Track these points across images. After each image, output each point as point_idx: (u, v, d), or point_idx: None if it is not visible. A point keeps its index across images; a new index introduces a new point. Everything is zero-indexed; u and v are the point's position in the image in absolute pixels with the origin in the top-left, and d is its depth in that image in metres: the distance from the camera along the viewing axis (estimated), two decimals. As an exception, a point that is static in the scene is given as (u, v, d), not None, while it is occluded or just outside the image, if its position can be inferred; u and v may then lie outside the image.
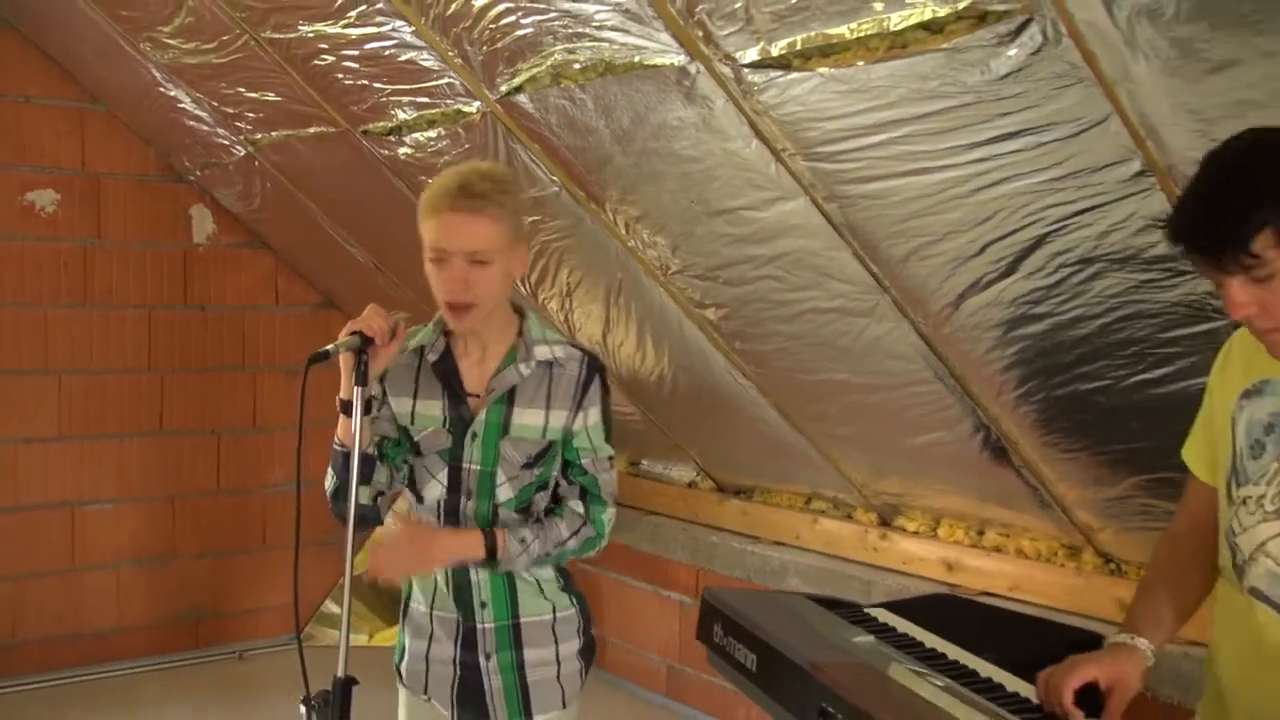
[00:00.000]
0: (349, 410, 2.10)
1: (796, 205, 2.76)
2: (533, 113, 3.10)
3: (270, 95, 3.91)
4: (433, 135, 3.52)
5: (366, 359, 2.09)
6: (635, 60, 2.69)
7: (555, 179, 3.32)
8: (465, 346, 2.30)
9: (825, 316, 3.05)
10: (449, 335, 2.30)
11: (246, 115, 4.17)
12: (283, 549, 5.23)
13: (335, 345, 2.09)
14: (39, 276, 4.70)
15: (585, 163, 3.17)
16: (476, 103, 3.26)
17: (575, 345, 2.33)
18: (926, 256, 2.63)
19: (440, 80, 3.27)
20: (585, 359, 2.30)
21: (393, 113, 3.57)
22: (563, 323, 3.98)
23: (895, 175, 2.47)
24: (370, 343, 2.10)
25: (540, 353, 2.27)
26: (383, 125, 3.67)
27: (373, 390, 2.18)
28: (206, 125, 4.43)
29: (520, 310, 2.34)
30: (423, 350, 2.30)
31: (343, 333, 2.12)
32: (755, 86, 2.51)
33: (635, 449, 4.67)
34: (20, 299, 4.66)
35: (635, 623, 4.62)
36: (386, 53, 3.28)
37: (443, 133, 3.47)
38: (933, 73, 2.19)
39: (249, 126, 4.26)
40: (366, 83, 3.48)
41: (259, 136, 4.29)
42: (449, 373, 2.28)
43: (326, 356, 2.07)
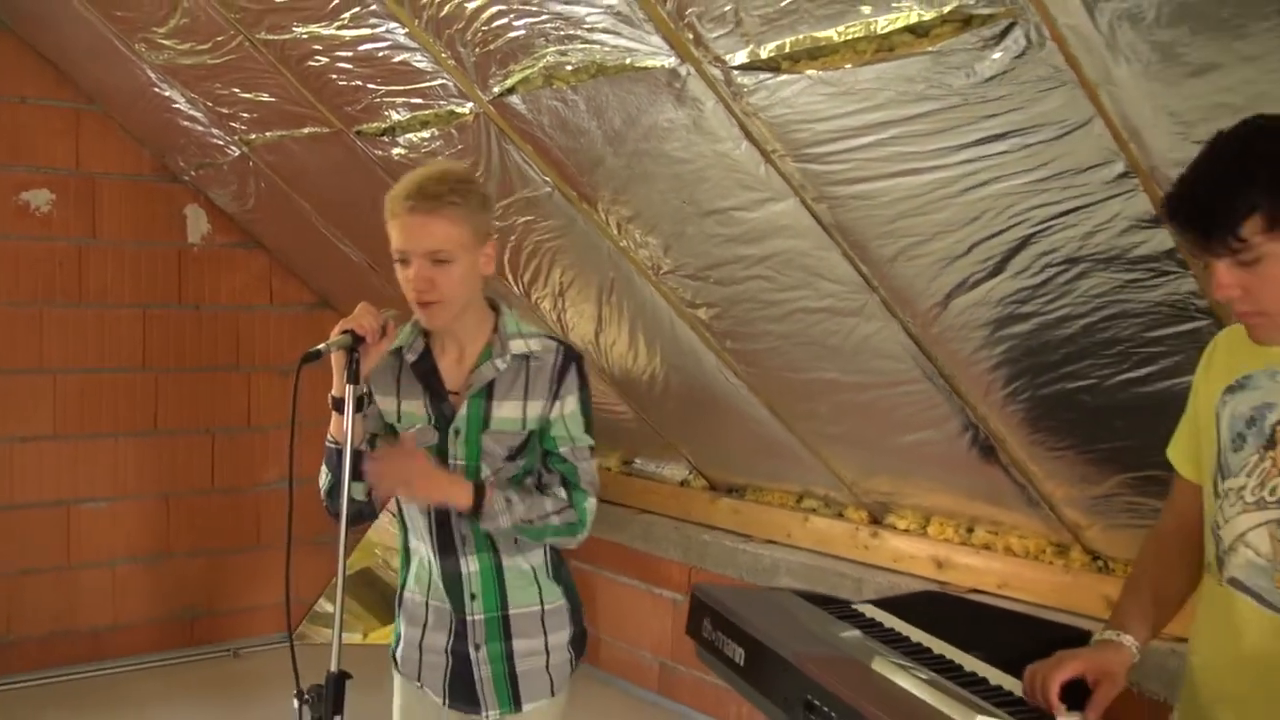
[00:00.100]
0: (341, 408, 2.13)
1: (786, 206, 2.78)
2: (525, 114, 3.12)
3: (264, 96, 3.92)
4: (426, 136, 3.53)
5: (358, 357, 2.12)
6: (626, 62, 2.71)
7: (548, 179, 3.34)
8: (443, 345, 2.33)
9: (815, 316, 3.07)
10: (427, 335, 2.33)
11: (241, 116, 4.18)
12: (277, 548, 5.24)
13: (327, 344, 2.11)
14: (34, 276, 4.71)
15: (577, 163, 3.19)
16: (469, 104, 3.27)
17: (551, 337, 2.35)
18: (914, 257, 2.65)
19: (433, 81, 3.28)
20: (561, 349, 2.32)
21: (386, 113, 3.58)
22: (555, 322, 4.00)
23: (883, 176, 2.49)
24: (362, 341, 2.13)
25: (516, 346, 2.29)
26: (376, 126, 3.68)
27: (365, 388, 2.21)
28: (201, 126, 4.44)
29: (496, 305, 2.36)
30: (401, 351, 2.32)
31: (334, 331, 2.15)
32: (745, 88, 2.53)
33: (628, 448, 4.69)
34: (15, 298, 4.68)
35: (628, 620, 4.63)
36: (380, 54, 3.29)
37: (436, 133, 3.49)
38: (919, 75, 2.21)
39: (243, 127, 4.27)
40: (360, 84, 3.50)
41: (253, 137, 4.30)
42: (428, 372, 2.31)
43: (318, 355, 2.10)
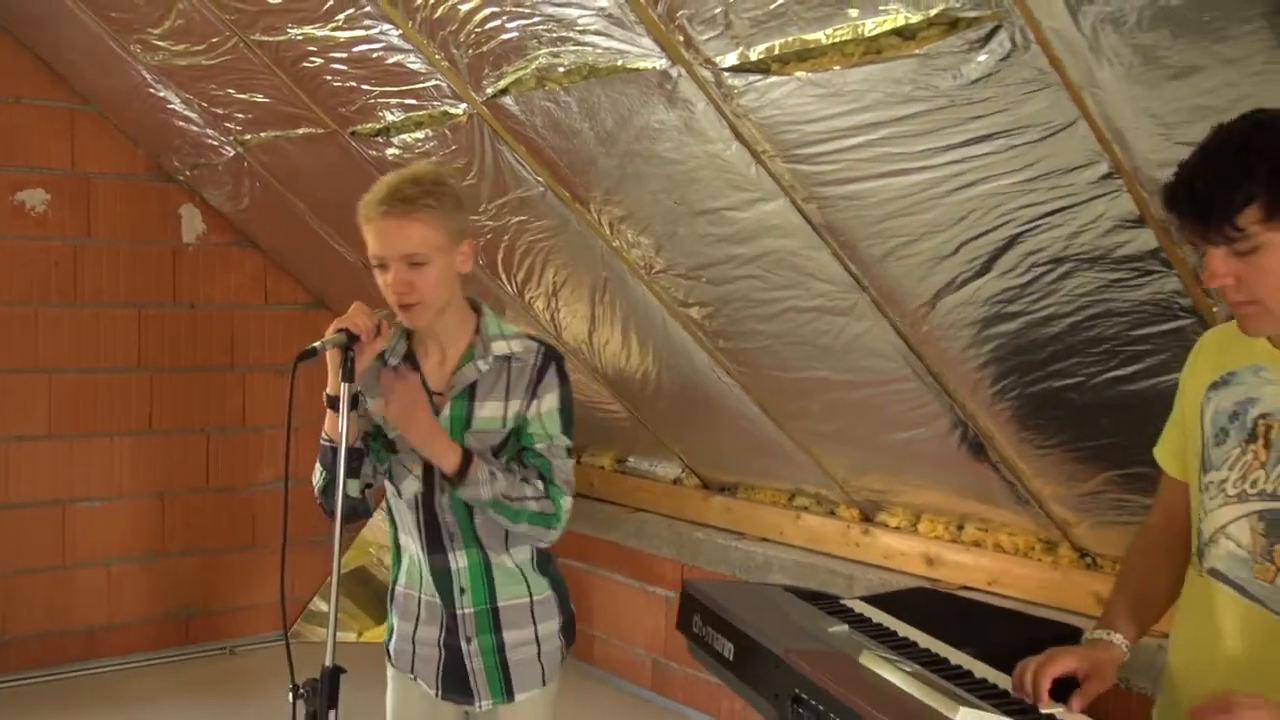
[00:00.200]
0: (336, 406, 2.16)
1: (776, 206, 2.80)
2: (518, 115, 3.14)
3: (259, 97, 3.93)
4: (420, 136, 3.54)
5: (353, 355, 2.14)
6: (618, 64, 2.73)
7: (541, 180, 3.35)
8: (425, 347, 2.35)
9: (806, 315, 3.10)
10: (410, 338, 2.35)
11: (236, 116, 4.19)
12: (272, 547, 5.25)
13: (322, 342, 2.14)
14: (29, 275, 4.72)
15: (570, 164, 3.21)
16: (463, 105, 3.29)
17: (532, 338, 2.37)
18: (903, 256, 2.68)
19: (427, 82, 3.30)
20: (541, 349, 2.34)
21: (380, 114, 3.59)
22: (549, 321, 4.02)
23: (872, 177, 2.52)
24: (356, 340, 2.15)
25: (498, 348, 2.32)
26: (371, 126, 3.70)
27: (359, 386, 2.23)
28: (196, 126, 4.45)
29: (477, 307, 2.39)
30: (383, 355, 2.34)
31: (329, 330, 2.17)
32: (735, 90, 2.55)
33: (621, 446, 4.71)
34: (10, 298, 4.69)
35: (621, 618, 4.65)
36: (374, 55, 3.31)
37: (430, 134, 3.50)
38: (906, 77, 2.24)
39: (238, 127, 4.27)
40: (355, 85, 3.51)
41: (248, 137, 4.31)
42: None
43: (314, 354, 2.12)
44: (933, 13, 2.09)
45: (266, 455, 5.27)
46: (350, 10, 3.17)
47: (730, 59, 2.50)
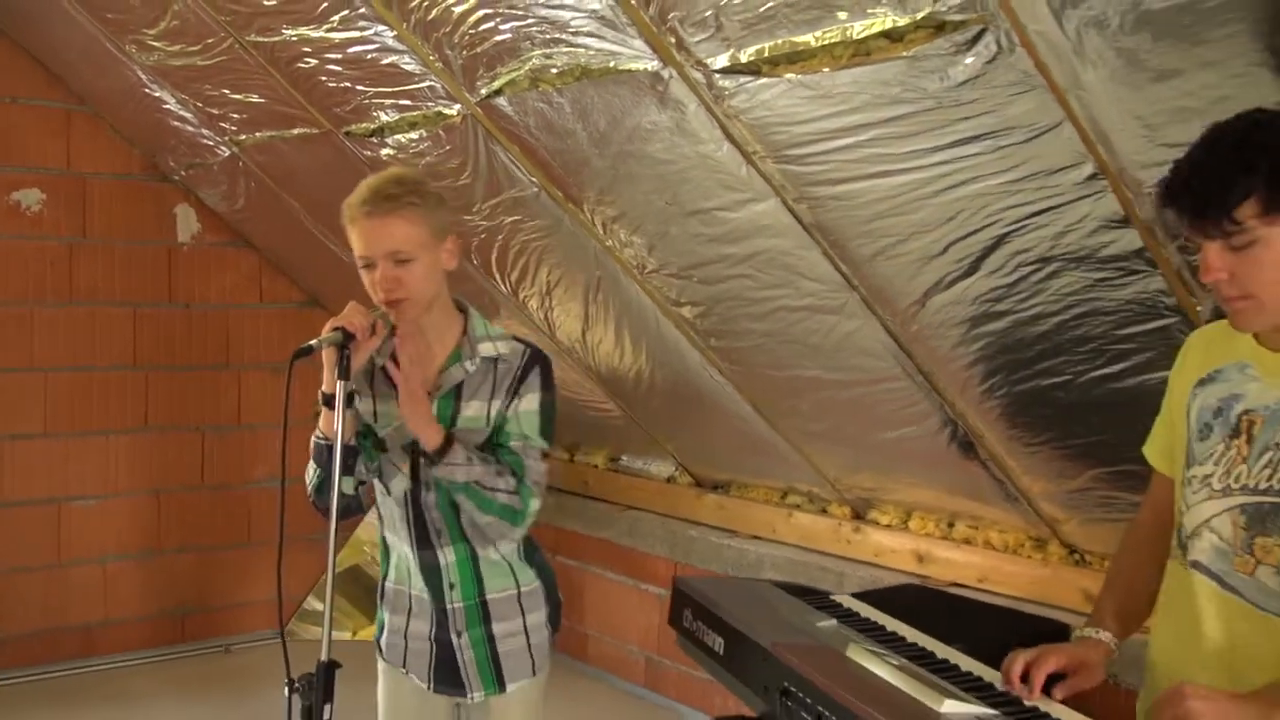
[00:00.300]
0: (332, 404, 2.18)
1: (767, 206, 2.83)
2: (512, 115, 3.16)
3: (254, 97, 3.94)
4: (414, 137, 3.56)
5: (349, 354, 2.17)
6: (610, 65, 2.75)
7: (534, 180, 3.37)
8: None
9: (797, 314, 3.12)
10: (396, 338, 2.37)
11: (231, 116, 4.20)
12: (267, 544, 5.26)
13: (319, 340, 2.17)
14: (25, 275, 4.73)
15: (563, 164, 3.23)
16: (457, 105, 3.31)
17: (519, 340, 2.41)
18: (893, 256, 2.70)
19: (421, 83, 3.31)
20: (527, 351, 2.38)
21: (375, 115, 3.61)
22: (543, 320, 4.03)
23: (861, 177, 2.54)
24: (352, 338, 2.18)
25: (484, 349, 2.35)
26: (365, 127, 3.71)
27: (354, 385, 2.25)
28: (191, 126, 4.46)
29: (464, 308, 2.41)
30: (370, 355, 2.35)
31: (325, 329, 2.20)
32: (726, 91, 2.57)
33: (615, 445, 4.73)
34: (6, 297, 4.70)
35: (614, 615, 4.67)
36: (369, 56, 3.32)
37: (424, 135, 3.52)
38: (894, 79, 2.26)
39: (233, 127, 4.29)
40: (349, 85, 3.52)
41: (243, 137, 4.32)
42: None
43: (310, 351, 2.15)
44: (920, 16, 2.11)
45: (261, 453, 5.28)
46: (345, 12, 3.19)
47: (721, 61, 2.52)
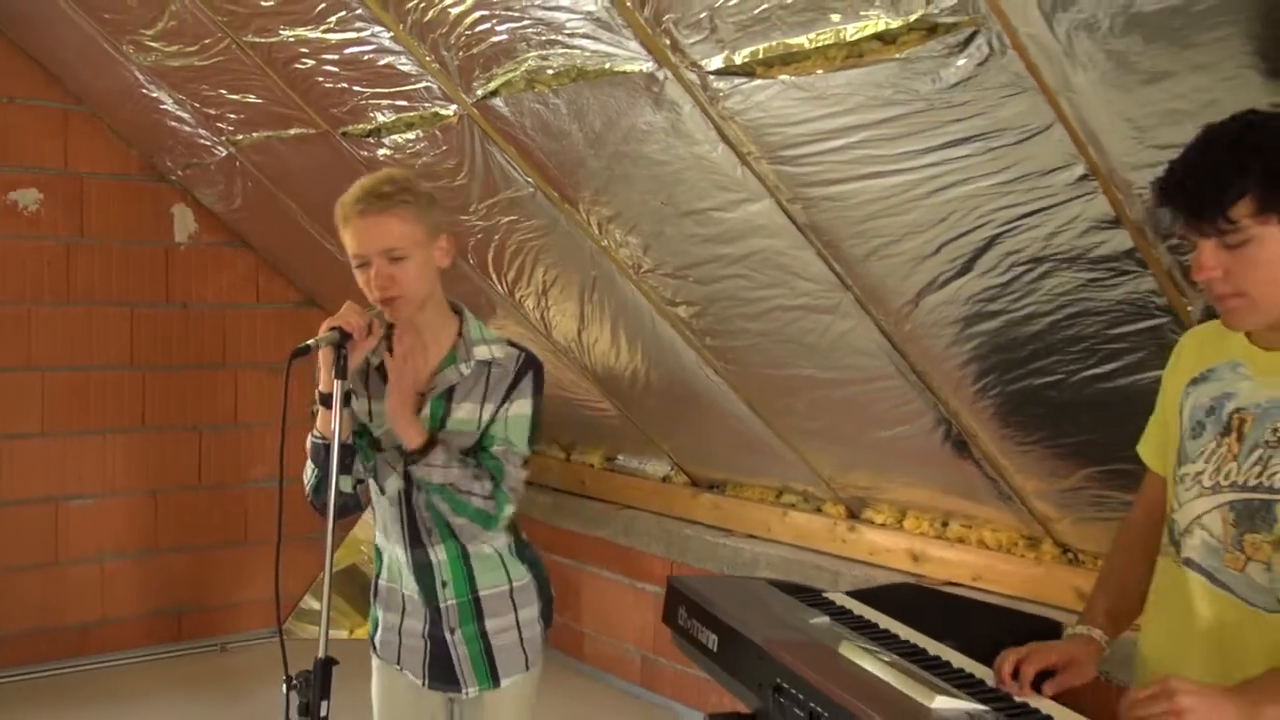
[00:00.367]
0: (329, 403, 2.20)
1: (762, 206, 2.84)
2: (508, 116, 3.17)
3: (251, 97, 3.95)
4: (411, 137, 3.57)
5: (345, 353, 2.19)
6: (606, 67, 2.77)
7: (530, 180, 3.39)
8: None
9: (791, 314, 3.13)
10: (390, 338, 2.38)
11: (228, 116, 4.21)
12: (263, 543, 5.28)
13: (316, 340, 2.18)
14: (22, 274, 4.74)
15: (559, 165, 3.24)
16: (453, 106, 3.32)
17: (513, 345, 2.43)
18: (886, 256, 2.72)
19: (418, 84, 3.33)
20: (521, 356, 2.40)
21: (372, 115, 3.62)
22: (539, 320, 4.05)
23: (854, 178, 2.56)
24: (349, 338, 2.20)
25: (480, 353, 2.37)
26: (362, 127, 3.72)
27: (350, 384, 2.27)
28: (188, 126, 4.47)
29: (459, 309, 2.43)
30: (368, 356, 2.37)
31: (322, 328, 2.21)
32: (720, 93, 2.59)
33: (611, 444, 4.74)
34: (3, 297, 4.70)
35: (611, 614, 4.69)
36: (365, 57, 3.34)
37: (420, 135, 3.53)
38: (887, 81, 2.27)
39: (230, 127, 4.29)
40: (346, 86, 3.54)
41: (240, 137, 4.33)
42: None
43: (308, 351, 2.17)
44: (912, 18, 2.13)
45: (258, 452, 5.29)
46: (342, 13, 3.20)
47: (715, 62, 2.53)
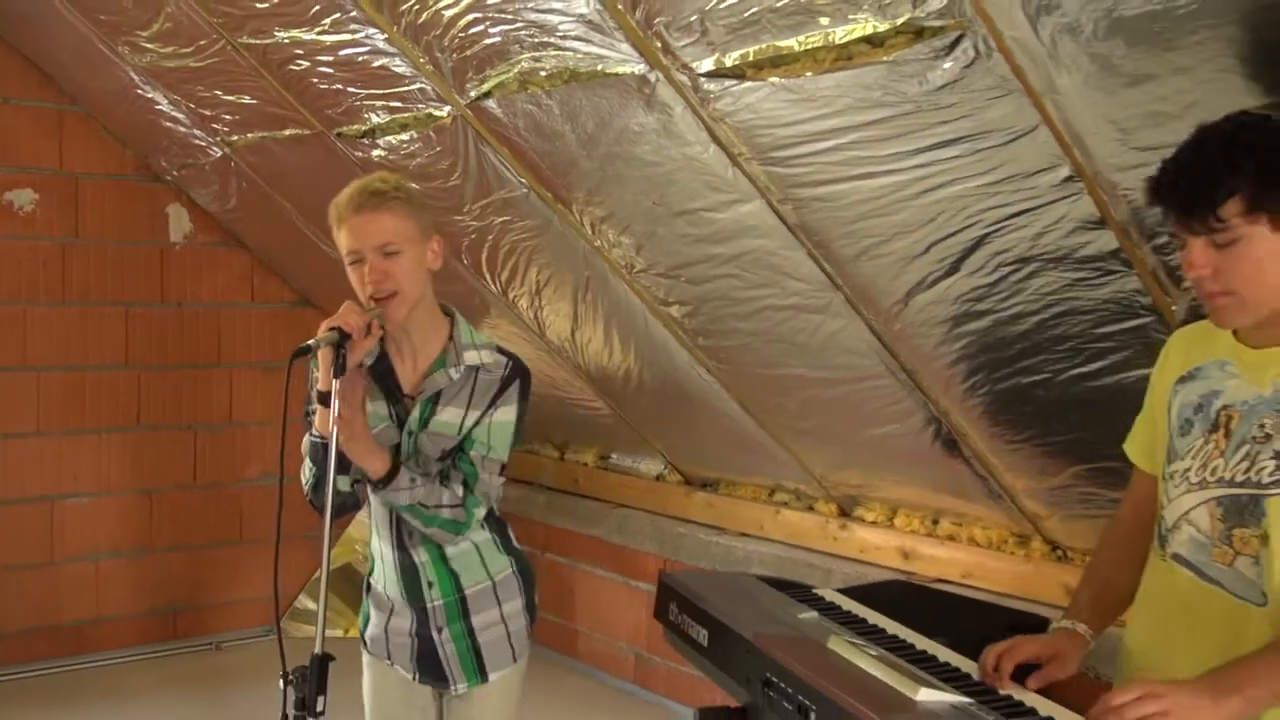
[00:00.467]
0: (328, 402, 2.21)
1: (753, 207, 2.87)
2: (501, 117, 3.19)
3: (246, 98, 3.96)
4: (405, 138, 3.59)
5: (345, 353, 2.21)
6: (598, 69, 2.79)
7: (524, 181, 3.41)
8: (399, 349, 2.42)
9: (782, 313, 3.16)
10: (383, 339, 2.41)
11: (223, 117, 4.22)
12: (258, 543, 5.30)
13: (316, 340, 2.20)
14: (17, 274, 4.75)
15: (552, 165, 3.26)
16: (447, 107, 3.34)
17: (502, 351, 2.45)
18: (876, 256, 2.74)
19: (412, 86, 3.34)
20: (509, 364, 2.42)
21: (366, 116, 3.63)
22: (532, 320, 4.07)
23: (844, 179, 2.58)
24: (348, 337, 2.22)
25: (469, 358, 2.39)
26: (356, 128, 3.74)
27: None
28: (183, 127, 4.48)
29: (450, 313, 2.46)
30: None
31: (321, 328, 2.23)
32: (711, 95, 2.62)
33: (605, 443, 4.76)
34: (-1, 297, 4.74)
35: (604, 612, 4.71)
36: (360, 59, 3.35)
37: (415, 136, 3.55)
38: (875, 83, 2.30)
39: (225, 128, 4.31)
40: (341, 87, 3.55)
41: (235, 138, 4.34)
42: (386, 374, 2.41)
43: (308, 351, 2.19)
44: (899, 22, 2.16)
45: (253, 451, 5.31)
46: (336, 15, 3.22)
47: (706, 65, 2.56)
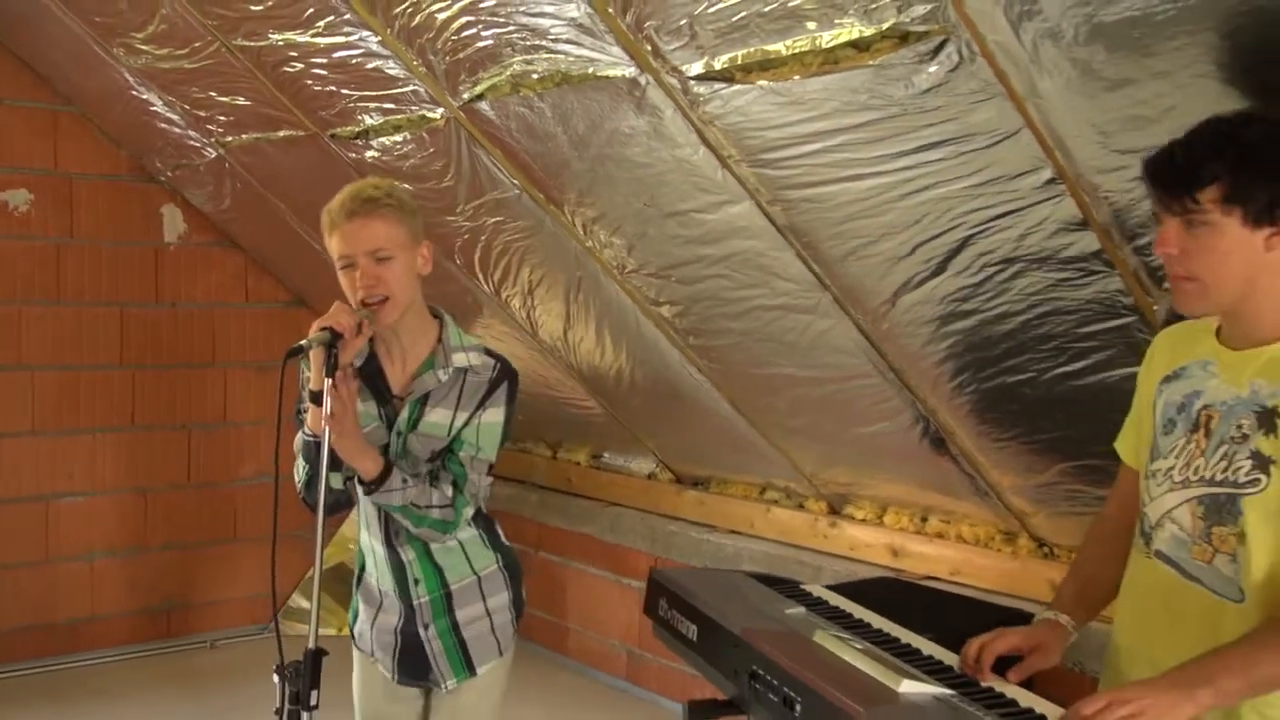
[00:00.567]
0: (320, 401, 2.24)
1: (742, 208, 2.90)
2: (494, 119, 3.22)
3: (241, 100, 3.98)
4: (399, 140, 3.61)
5: (336, 352, 2.23)
6: (589, 72, 2.82)
7: (516, 182, 3.43)
8: (388, 350, 2.45)
9: (772, 313, 3.19)
10: (372, 341, 2.44)
11: (217, 118, 4.24)
12: (251, 541, 5.32)
13: (309, 340, 2.23)
14: (12, 274, 4.76)
15: (544, 167, 3.29)
16: (440, 109, 3.36)
17: (490, 353, 2.47)
18: (863, 257, 2.77)
19: (405, 88, 3.37)
20: (497, 366, 2.44)
21: (360, 118, 3.66)
22: (525, 319, 4.09)
23: (831, 181, 2.62)
24: (340, 337, 2.24)
25: (458, 360, 2.42)
26: (350, 130, 3.75)
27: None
28: (178, 128, 4.49)
29: (439, 315, 2.48)
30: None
31: (313, 329, 2.26)
32: (701, 97, 2.65)
33: (596, 442, 4.79)
34: (-6, 296, 4.74)
35: (596, 610, 4.73)
36: (354, 61, 3.38)
37: (408, 137, 3.57)
38: (862, 87, 2.33)
39: (220, 129, 4.32)
40: (335, 89, 3.57)
41: (229, 139, 4.36)
42: (375, 375, 2.44)
43: (302, 351, 2.21)
44: (885, 26, 2.19)
45: (247, 451, 5.32)
46: (330, 17, 3.24)
47: (696, 68, 2.59)
